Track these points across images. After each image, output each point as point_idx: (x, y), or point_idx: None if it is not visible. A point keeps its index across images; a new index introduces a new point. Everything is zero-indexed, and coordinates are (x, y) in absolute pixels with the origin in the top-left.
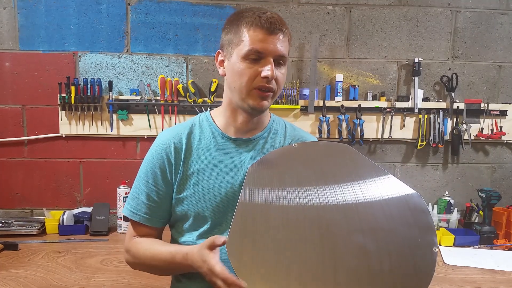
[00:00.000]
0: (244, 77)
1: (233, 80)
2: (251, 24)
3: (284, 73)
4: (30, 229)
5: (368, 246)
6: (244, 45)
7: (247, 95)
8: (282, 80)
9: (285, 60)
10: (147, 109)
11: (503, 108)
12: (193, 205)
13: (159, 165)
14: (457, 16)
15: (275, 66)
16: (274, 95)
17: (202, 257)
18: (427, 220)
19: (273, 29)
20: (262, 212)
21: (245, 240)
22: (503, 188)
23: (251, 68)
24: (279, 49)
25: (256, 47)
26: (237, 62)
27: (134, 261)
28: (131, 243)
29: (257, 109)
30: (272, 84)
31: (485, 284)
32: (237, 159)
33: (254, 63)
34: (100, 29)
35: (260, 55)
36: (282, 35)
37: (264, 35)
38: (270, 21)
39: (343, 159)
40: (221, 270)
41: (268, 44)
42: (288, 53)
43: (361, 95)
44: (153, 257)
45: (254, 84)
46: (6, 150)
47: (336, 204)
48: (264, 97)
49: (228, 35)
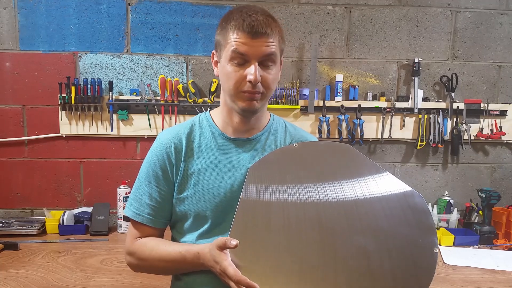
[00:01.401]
0: (231, 81)
1: (223, 82)
2: (235, 27)
3: (274, 73)
4: (31, 229)
5: (368, 246)
6: (229, 48)
7: (235, 97)
8: (271, 80)
9: (274, 59)
10: (147, 109)
11: (502, 108)
12: (193, 205)
13: (160, 165)
14: (457, 16)
15: (262, 68)
16: (263, 96)
17: (214, 258)
18: (428, 220)
19: (255, 33)
20: (263, 211)
21: (247, 240)
22: (503, 188)
23: (237, 72)
24: (263, 50)
25: (239, 50)
26: (225, 65)
27: (138, 263)
28: (135, 245)
29: (247, 110)
30: (257, 88)
31: (484, 284)
32: (237, 159)
33: (239, 66)
34: (100, 29)
35: (244, 57)
36: (266, 37)
37: (247, 39)
38: (253, 24)
39: (344, 159)
40: (234, 272)
41: (251, 48)
42: (279, 49)
43: (361, 95)
44: (161, 258)
45: (241, 87)
46: (7, 150)
47: (336, 201)
48: (252, 98)
49: (218, 36)
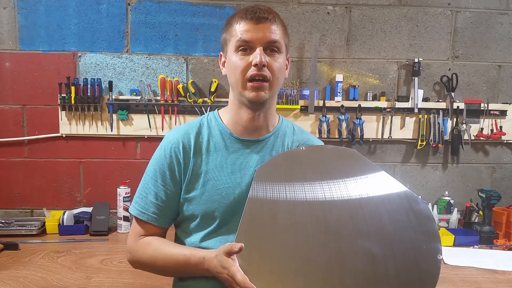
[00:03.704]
0: (238, 69)
1: (230, 76)
2: (239, 18)
3: (281, 62)
4: (30, 229)
5: (374, 250)
6: (234, 39)
7: (242, 88)
8: (277, 68)
9: (279, 46)
10: (147, 109)
11: (503, 108)
12: (201, 205)
13: (167, 164)
14: (457, 16)
15: (268, 54)
16: (270, 85)
17: (222, 264)
18: (433, 227)
19: (258, 18)
20: (270, 211)
21: (254, 241)
22: (503, 188)
23: (242, 60)
24: (267, 35)
25: (244, 37)
26: (231, 57)
27: (139, 261)
28: (138, 243)
29: (255, 101)
30: (264, 71)
31: (485, 284)
32: (245, 160)
33: (245, 54)
34: (100, 29)
35: (249, 44)
36: (269, 22)
37: (250, 25)
38: (255, 11)
39: (350, 163)
40: (242, 279)
41: (255, 33)
42: (284, 42)
43: (361, 95)
44: (164, 258)
45: (248, 75)
46: (6, 150)
47: (341, 202)
48: (259, 87)
49: (224, 34)
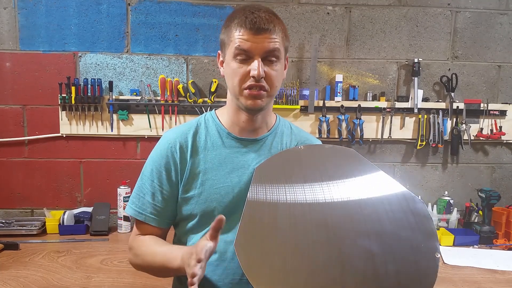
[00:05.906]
0: (236, 78)
1: (228, 80)
2: (238, 24)
3: (278, 69)
4: (31, 229)
5: (373, 249)
6: (232, 45)
7: (239, 95)
8: (275, 77)
9: (278, 55)
10: (147, 109)
11: (502, 108)
12: (200, 205)
13: (164, 164)
14: (457, 16)
15: (266, 64)
16: (268, 94)
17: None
18: (430, 226)
19: (258, 29)
20: (270, 211)
21: (253, 241)
22: (503, 188)
23: (241, 68)
24: (266, 46)
25: (242, 47)
26: (229, 62)
27: (135, 260)
28: (134, 241)
29: (252, 109)
30: (262, 82)
31: (484, 284)
32: (244, 159)
33: (243, 62)
34: (100, 29)
35: (247, 54)
36: (269, 33)
37: (250, 35)
38: (255, 21)
39: (348, 163)
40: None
41: (254, 44)
42: (283, 46)
43: (361, 95)
44: (151, 255)
45: (245, 84)
46: (7, 150)
47: (341, 201)
48: (257, 96)
49: (223, 35)
